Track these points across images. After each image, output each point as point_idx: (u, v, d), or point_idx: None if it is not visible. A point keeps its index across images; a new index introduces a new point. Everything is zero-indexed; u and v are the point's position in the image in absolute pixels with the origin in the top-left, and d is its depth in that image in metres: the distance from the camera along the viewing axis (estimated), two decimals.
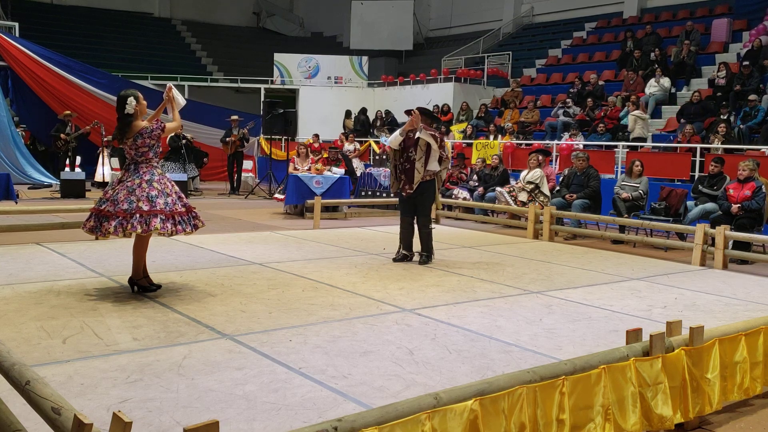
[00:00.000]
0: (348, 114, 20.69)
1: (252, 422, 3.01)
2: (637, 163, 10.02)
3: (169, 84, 5.72)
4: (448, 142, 15.81)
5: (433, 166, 7.13)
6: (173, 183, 5.38)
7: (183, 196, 5.36)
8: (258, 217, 11.21)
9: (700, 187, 9.33)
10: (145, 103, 5.32)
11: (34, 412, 2.28)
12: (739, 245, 7.91)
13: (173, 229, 5.06)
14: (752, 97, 12.92)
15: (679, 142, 12.51)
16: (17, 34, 17.42)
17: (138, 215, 4.95)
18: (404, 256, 7.31)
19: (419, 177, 7.04)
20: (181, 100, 5.63)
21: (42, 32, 22.37)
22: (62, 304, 4.95)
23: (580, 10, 23.37)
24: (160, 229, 4.98)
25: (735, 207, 8.39)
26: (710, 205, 8.96)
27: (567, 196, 10.27)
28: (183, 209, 5.22)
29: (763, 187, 8.40)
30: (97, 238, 5.37)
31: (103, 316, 4.67)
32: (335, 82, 24.05)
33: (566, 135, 14.62)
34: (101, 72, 17.53)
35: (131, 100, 5.17)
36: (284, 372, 3.67)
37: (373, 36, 26.75)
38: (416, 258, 7.36)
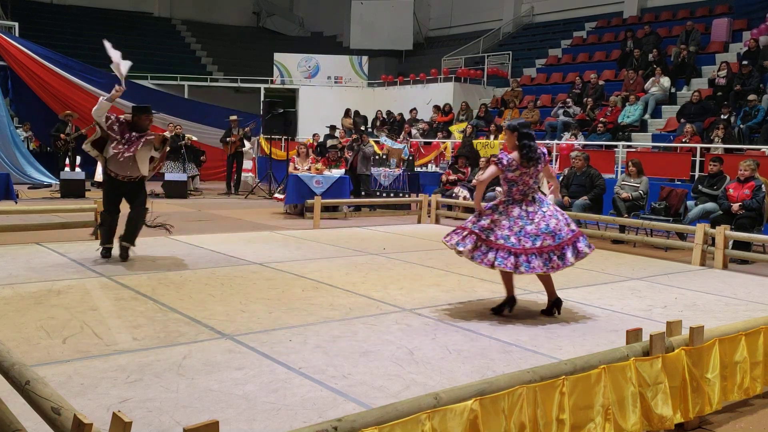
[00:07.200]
0: (351, 112, 20.66)
1: (252, 422, 3.01)
2: (630, 163, 10.04)
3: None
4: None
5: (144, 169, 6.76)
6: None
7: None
8: (258, 217, 11.20)
9: (700, 187, 9.32)
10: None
11: (34, 412, 2.28)
12: (739, 245, 7.90)
13: None
14: (752, 97, 12.91)
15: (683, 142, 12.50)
16: (17, 34, 17.43)
17: None
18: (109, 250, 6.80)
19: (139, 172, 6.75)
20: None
21: (42, 32, 22.34)
22: (62, 304, 4.94)
23: (580, 9, 23.35)
24: None
25: (736, 206, 8.39)
26: (710, 205, 8.95)
27: (564, 199, 10.21)
28: None
29: (762, 186, 8.40)
30: None
31: (103, 316, 4.67)
32: (335, 82, 24.05)
33: (566, 135, 14.61)
34: (101, 72, 17.50)
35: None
36: (284, 372, 3.67)
37: (373, 36, 26.74)
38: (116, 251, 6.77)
